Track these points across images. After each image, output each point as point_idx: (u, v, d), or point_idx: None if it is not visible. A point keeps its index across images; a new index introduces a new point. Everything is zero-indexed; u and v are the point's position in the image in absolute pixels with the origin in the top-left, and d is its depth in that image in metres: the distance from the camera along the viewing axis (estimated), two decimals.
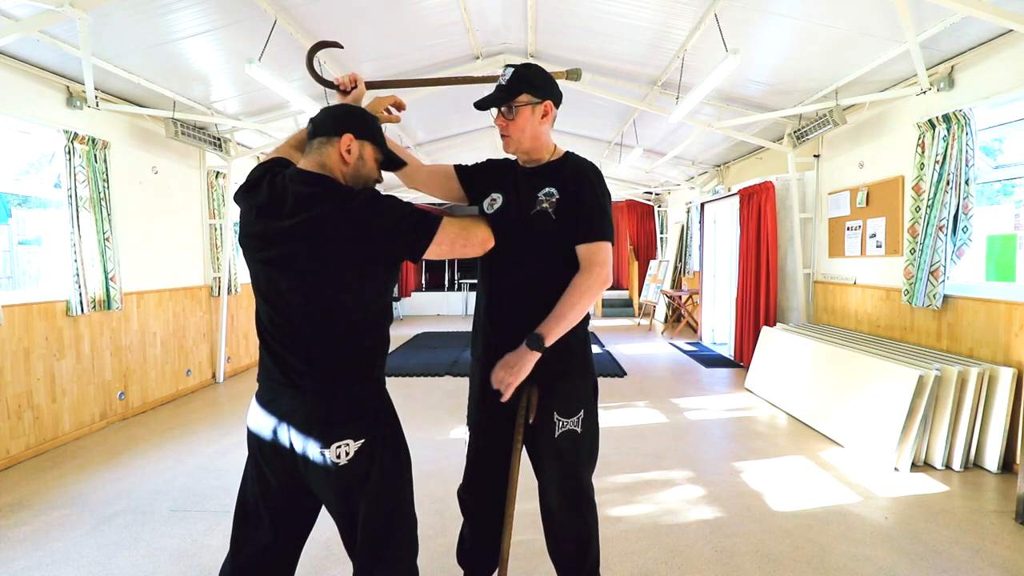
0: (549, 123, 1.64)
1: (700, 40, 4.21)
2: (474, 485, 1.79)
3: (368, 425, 1.34)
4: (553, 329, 1.49)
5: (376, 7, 4.04)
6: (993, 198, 5.10)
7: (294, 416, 1.32)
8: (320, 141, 1.38)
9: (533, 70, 1.60)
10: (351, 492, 1.32)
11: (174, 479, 3.23)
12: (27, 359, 3.61)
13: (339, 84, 1.71)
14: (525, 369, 1.49)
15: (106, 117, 4.30)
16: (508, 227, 1.59)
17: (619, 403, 4.79)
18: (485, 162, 1.81)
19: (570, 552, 1.71)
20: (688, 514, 2.75)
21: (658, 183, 10.37)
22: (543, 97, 1.59)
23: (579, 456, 1.66)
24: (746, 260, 6.13)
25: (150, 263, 4.85)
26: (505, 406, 1.61)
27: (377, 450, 1.35)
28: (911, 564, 2.30)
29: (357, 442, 1.31)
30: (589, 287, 1.52)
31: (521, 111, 1.58)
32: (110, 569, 2.31)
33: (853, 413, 3.68)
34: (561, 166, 1.65)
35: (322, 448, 1.29)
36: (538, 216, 1.57)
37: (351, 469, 1.30)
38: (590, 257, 1.55)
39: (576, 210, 1.57)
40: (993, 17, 2.80)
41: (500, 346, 1.61)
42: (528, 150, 1.64)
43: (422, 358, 6.81)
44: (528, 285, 1.60)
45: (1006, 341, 3.29)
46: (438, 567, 2.27)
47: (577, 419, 1.63)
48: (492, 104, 1.60)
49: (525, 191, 1.62)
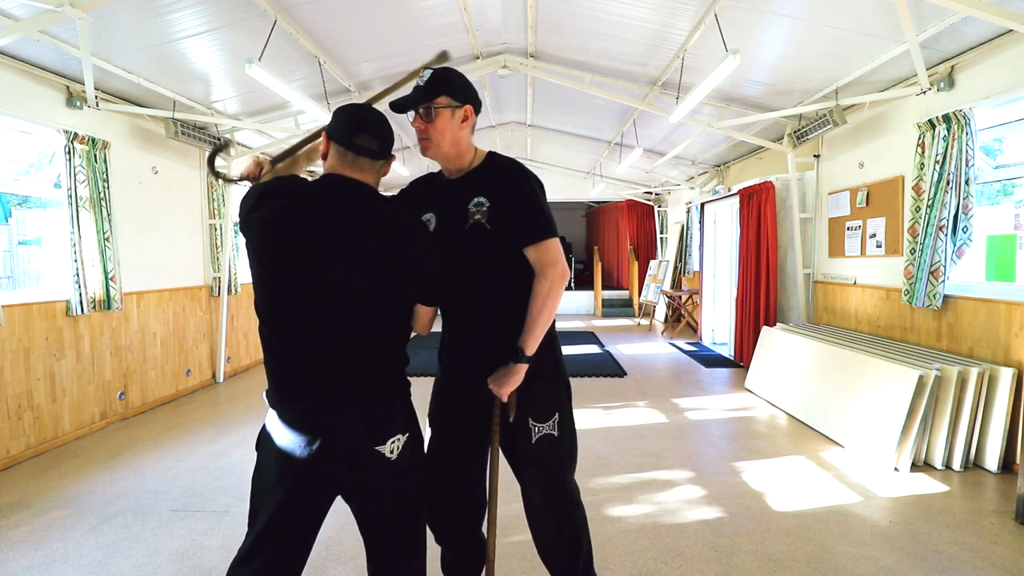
0: (469, 128, 1.58)
1: (700, 40, 4.21)
2: (439, 498, 1.69)
3: (410, 420, 1.45)
4: (529, 339, 1.53)
5: (376, 7, 4.04)
6: (993, 198, 5.10)
7: (343, 422, 1.31)
8: (381, 164, 1.43)
9: (453, 74, 1.57)
10: (396, 483, 1.40)
11: (174, 479, 3.23)
12: (27, 359, 3.61)
13: (248, 176, 1.59)
14: (515, 381, 1.53)
15: (106, 117, 4.30)
16: (447, 247, 1.54)
17: (619, 403, 4.79)
18: (410, 184, 1.75)
19: (561, 552, 1.70)
20: (688, 514, 2.75)
21: (658, 183, 10.36)
22: (462, 101, 1.55)
23: (559, 460, 1.66)
24: (746, 260, 6.13)
25: (150, 263, 4.85)
26: (470, 415, 1.65)
27: (418, 444, 1.46)
28: (911, 564, 2.30)
29: (404, 436, 1.39)
30: (550, 290, 1.52)
31: (440, 113, 1.52)
32: (110, 569, 2.31)
33: (853, 413, 3.68)
34: (485, 170, 1.60)
35: (378, 445, 1.34)
36: (472, 230, 1.53)
37: (399, 463, 1.38)
38: (541, 258, 1.53)
39: (511, 214, 1.53)
40: (993, 17, 2.79)
41: (467, 363, 1.64)
42: (448, 156, 1.58)
43: (422, 358, 6.78)
44: (481, 299, 1.59)
45: (1006, 341, 3.29)
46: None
47: (553, 423, 1.63)
48: (410, 105, 1.54)
49: (453, 205, 1.58)
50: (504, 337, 1.56)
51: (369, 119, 1.40)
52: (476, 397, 1.61)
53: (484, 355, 1.59)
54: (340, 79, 5.05)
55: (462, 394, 1.67)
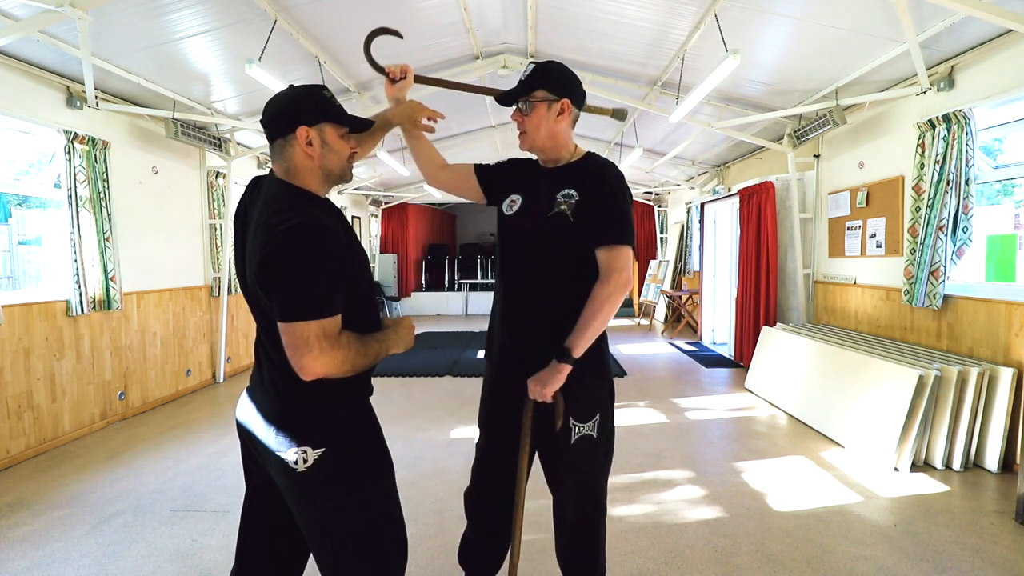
0: (567, 122, 1.59)
1: (700, 40, 4.21)
2: (482, 487, 1.77)
3: (334, 436, 1.29)
4: (579, 341, 1.47)
5: (376, 7, 4.04)
6: (993, 198, 5.10)
7: (252, 415, 1.39)
8: (280, 144, 1.28)
9: (553, 67, 1.58)
10: (307, 498, 1.29)
11: (174, 479, 3.23)
12: (27, 359, 3.61)
13: (389, 72, 1.68)
14: (557, 381, 1.47)
15: (106, 117, 4.30)
16: (526, 229, 1.58)
17: (619, 403, 4.78)
18: (506, 161, 1.78)
19: (582, 559, 1.69)
20: (688, 514, 2.75)
21: (658, 183, 10.37)
22: (560, 95, 1.55)
23: (595, 462, 1.63)
24: (746, 260, 6.13)
25: (150, 263, 4.85)
26: (517, 407, 1.59)
27: (346, 464, 1.29)
28: (911, 564, 2.30)
29: (317, 450, 1.26)
30: (609, 295, 1.48)
31: (536, 107, 1.55)
32: (110, 569, 2.31)
33: (853, 413, 3.68)
34: (581, 166, 1.60)
35: (279, 451, 1.28)
36: (555, 218, 1.53)
37: (311, 476, 1.26)
38: (609, 262, 1.50)
39: (595, 212, 1.52)
40: (993, 17, 2.80)
41: (514, 348, 1.61)
42: (544, 148, 1.61)
43: (422, 358, 6.80)
44: (543, 288, 1.57)
45: (1006, 341, 3.29)
46: (438, 567, 2.27)
47: (593, 423, 1.58)
48: (510, 98, 1.59)
49: (544, 192, 1.58)
50: (555, 332, 1.52)
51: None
52: (519, 389, 1.58)
53: (530, 346, 1.56)
54: (340, 79, 5.05)
55: (506, 385, 1.65)
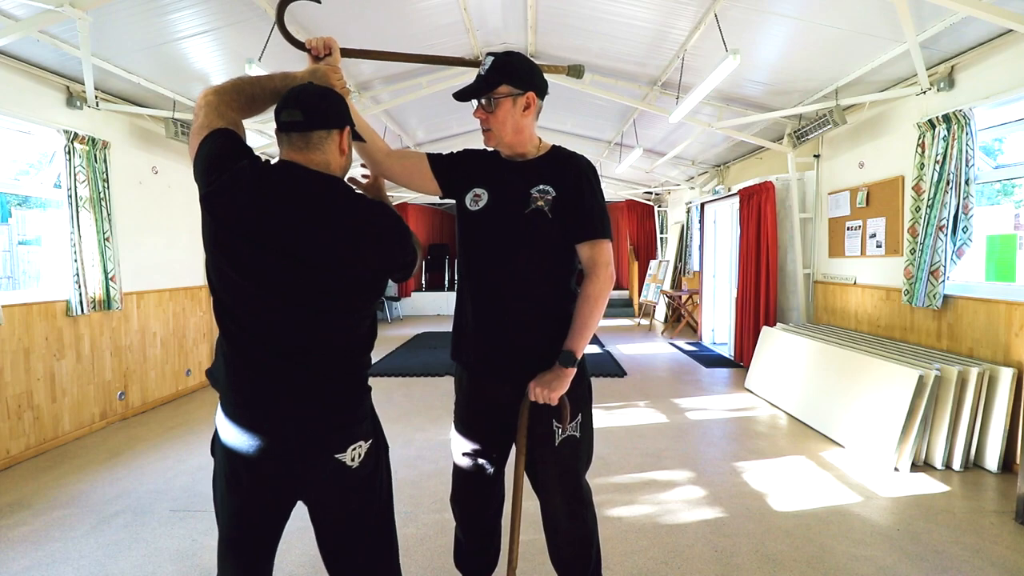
0: (532, 115, 1.52)
1: (700, 40, 4.21)
2: (464, 493, 1.75)
3: (373, 425, 1.33)
4: (580, 342, 1.48)
5: (376, 7, 4.04)
6: (993, 198, 5.10)
7: (297, 424, 1.23)
8: (320, 136, 1.23)
9: (515, 59, 1.49)
10: (359, 493, 1.31)
11: (174, 479, 3.23)
12: (27, 359, 3.61)
13: (311, 48, 1.49)
14: (563, 386, 1.47)
15: (106, 117, 4.30)
16: (499, 227, 1.52)
17: (619, 403, 4.79)
18: (463, 152, 1.66)
19: (574, 555, 1.69)
20: (688, 514, 2.75)
21: (658, 183, 10.37)
22: (524, 88, 1.48)
23: (579, 462, 1.63)
24: (746, 260, 6.13)
25: (150, 263, 4.85)
26: (497, 413, 1.60)
27: (382, 451, 1.36)
28: (911, 564, 2.30)
29: (366, 443, 1.29)
30: (600, 292, 1.49)
31: (501, 103, 1.48)
32: (110, 569, 2.31)
33: (853, 413, 3.68)
34: (552, 161, 1.57)
35: (338, 452, 1.24)
36: (533, 215, 1.49)
37: (361, 471, 1.28)
38: (594, 258, 1.50)
39: (575, 208, 1.50)
40: (993, 17, 2.80)
41: (492, 350, 1.56)
42: (511, 144, 1.54)
43: (422, 358, 6.80)
44: (521, 287, 1.53)
45: (1006, 341, 3.29)
46: (437, 567, 2.27)
47: (576, 424, 1.58)
48: (470, 95, 1.50)
49: (515, 188, 1.53)
50: (536, 330, 1.51)
51: (294, 92, 1.26)
52: (499, 391, 1.57)
53: (511, 346, 1.54)
54: None
55: (484, 387, 1.63)
